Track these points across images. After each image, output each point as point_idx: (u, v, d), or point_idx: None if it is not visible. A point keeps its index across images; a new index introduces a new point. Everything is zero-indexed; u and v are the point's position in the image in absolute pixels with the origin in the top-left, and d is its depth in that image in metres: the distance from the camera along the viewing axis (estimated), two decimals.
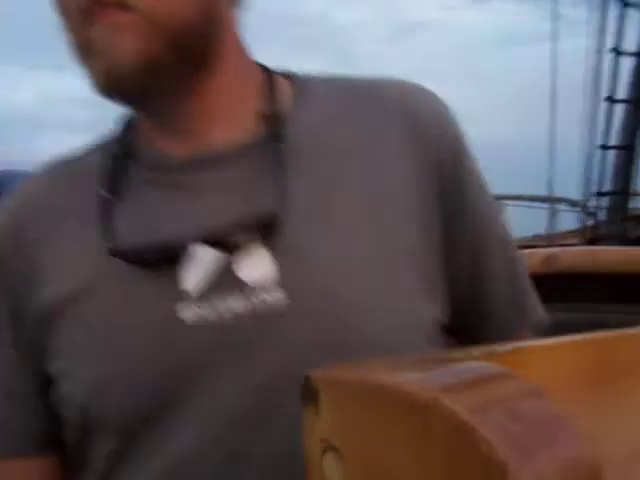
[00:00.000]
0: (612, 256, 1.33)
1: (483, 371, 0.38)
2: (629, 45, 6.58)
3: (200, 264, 0.67)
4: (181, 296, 0.66)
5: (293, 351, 0.65)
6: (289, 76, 0.77)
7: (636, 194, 7.13)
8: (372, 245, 0.70)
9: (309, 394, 0.39)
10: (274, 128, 0.71)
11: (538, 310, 0.85)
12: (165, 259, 0.67)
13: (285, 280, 0.66)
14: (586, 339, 0.53)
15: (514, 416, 0.33)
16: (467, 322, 0.81)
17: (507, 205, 10.32)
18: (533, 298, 0.84)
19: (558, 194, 8.70)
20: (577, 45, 6.59)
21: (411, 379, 0.36)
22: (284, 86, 0.76)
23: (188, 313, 0.66)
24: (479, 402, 0.33)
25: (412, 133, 0.74)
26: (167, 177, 0.71)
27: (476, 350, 0.47)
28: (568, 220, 8.78)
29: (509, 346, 0.49)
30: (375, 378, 0.37)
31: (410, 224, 0.71)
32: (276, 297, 0.66)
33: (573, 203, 8.51)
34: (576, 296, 1.47)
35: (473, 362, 0.40)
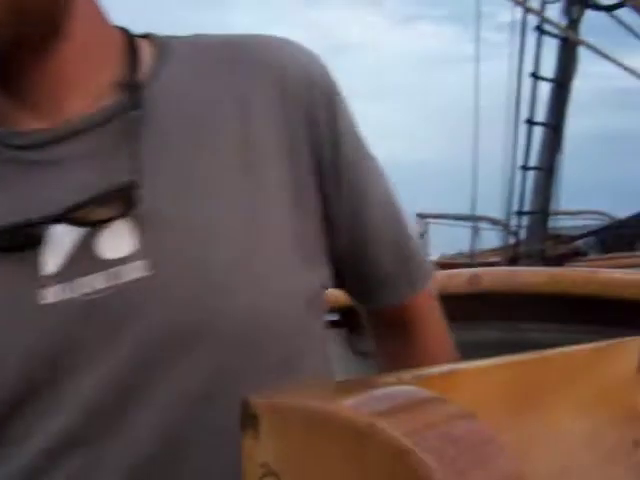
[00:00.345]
0: (534, 277, 1.37)
1: (416, 396, 0.39)
2: (548, 70, 6.79)
3: (60, 243, 0.64)
4: (41, 278, 0.63)
5: (160, 322, 0.63)
6: (152, 39, 0.74)
7: (555, 214, 7.31)
8: (242, 209, 0.67)
9: (248, 419, 0.40)
10: (131, 95, 0.68)
11: (427, 273, 0.84)
12: (24, 241, 0.63)
13: (148, 251, 0.64)
14: (511, 361, 0.56)
15: (449, 439, 0.35)
16: (354, 287, 0.81)
17: (431, 223, 10.50)
18: (422, 263, 0.83)
19: (481, 213, 8.89)
20: (499, 68, 6.76)
21: (348, 404, 0.37)
22: (146, 50, 0.72)
23: (49, 295, 0.63)
24: (415, 427, 0.35)
25: (281, 88, 0.71)
26: (25, 155, 0.68)
27: (408, 374, 0.49)
28: (490, 238, 8.97)
29: (439, 370, 0.51)
30: (313, 404, 0.38)
31: (283, 184, 0.69)
32: (139, 270, 0.63)
33: (495, 222, 8.69)
34: (499, 315, 1.51)
35: (406, 387, 0.42)
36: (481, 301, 1.52)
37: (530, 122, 6.69)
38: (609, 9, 3.43)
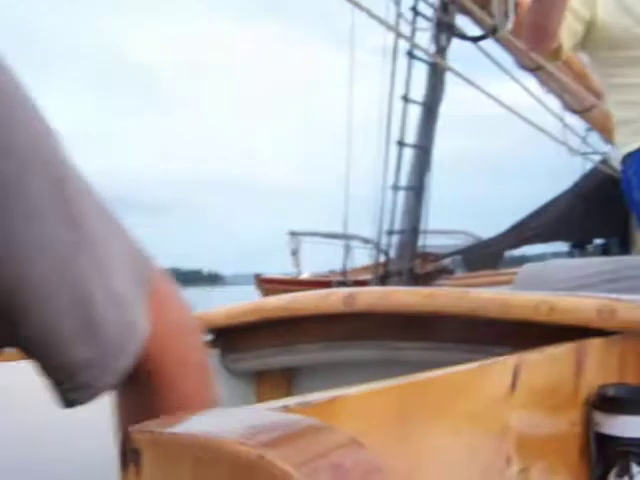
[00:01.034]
0: (408, 296, 1.39)
1: (305, 425, 0.39)
2: (419, 94, 6.99)
3: None
4: None
5: None
6: None
7: (424, 232, 7.53)
8: None
9: (130, 454, 0.38)
10: None
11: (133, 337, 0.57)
12: None
13: None
14: (392, 385, 0.56)
15: (339, 470, 0.34)
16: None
17: (305, 241, 10.60)
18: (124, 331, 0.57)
19: (353, 231, 9.05)
20: (372, 90, 6.90)
21: (236, 435, 0.36)
22: None
23: None
24: (305, 457, 0.34)
25: None
26: None
27: (292, 401, 0.48)
28: (362, 256, 9.14)
29: (323, 396, 0.51)
30: (199, 435, 0.37)
31: None
32: None
33: (366, 240, 8.87)
34: (374, 335, 1.52)
35: (294, 416, 0.41)
36: (356, 321, 1.53)
37: (400, 143, 6.86)
38: (474, 40, 3.58)
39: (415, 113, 7.00)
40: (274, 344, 1.66)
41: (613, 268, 3.69)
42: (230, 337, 1.70)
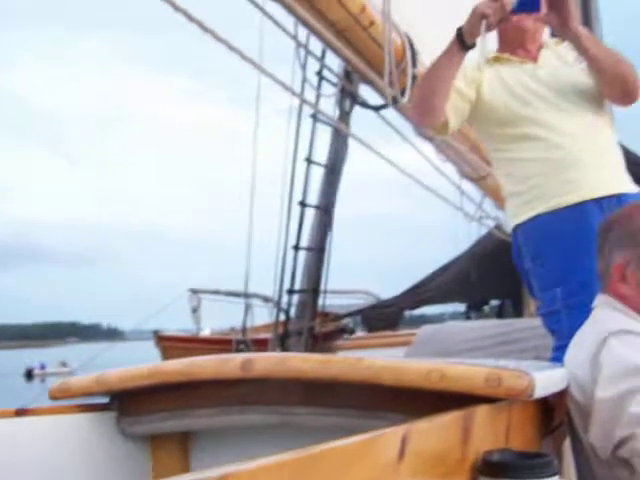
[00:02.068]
0: (304, 363, 1.42)
1: None
2: (321, 156, 7.13)
3: None
4: None
5: None
6: None
7: (324, 292, 7.59)
8: None
9: None
10: None
11: None
12: None
13: None
14: (285, 460, 0.58)
15: None
16: None
17: (206, 299, 10.51)
18: None
19: (255, 289, 9.05)
20: (278, 149, 6.98)
21: None
22: None
23: None
24: None
25: None
26: None
27: (187, 477, 0.50)
28: (262, 314, 9.13)
29: (215, 473, 0.52)
30: None
31: None
32: None
33: (266, 299, 8.88)
34: (271, 400, 1.54)
35: None
36: (254, 386, 1.54)
37: (302, 204, 6.95)
38: (375, 109, 3.71)
39: (318, 174, 7.13)
40: (171, 408, 1.65)
41: (504, 331, 3.83)
42: (126, 400, 1.68)
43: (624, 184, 2.50)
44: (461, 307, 9.56)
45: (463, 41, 2.38)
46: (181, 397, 1.63)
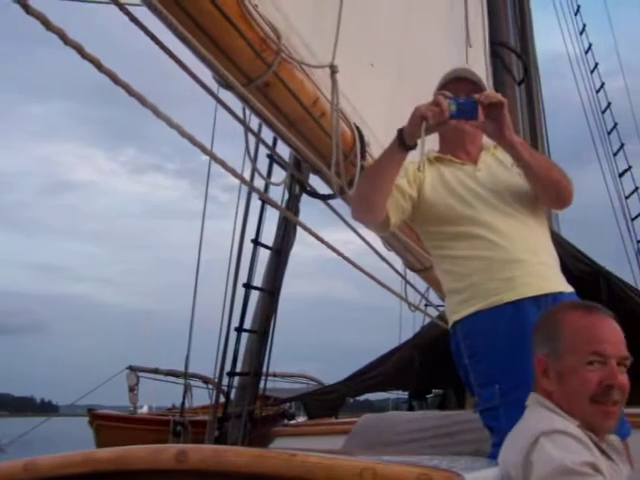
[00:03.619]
0: (238, 457, 1.40)
1: None
2: (269, 237, 7.15)
3: None
4: None
5: None
6: None
7: (266, 376, 7.51)
8: None
9: None
10: None
11: None
12: None
13: None
14: None
15: None
16: None
17: (146, 378, 10.29)
18: None
19: (195, 370, 8.90)
20: (225, 227, 6.97)
21: None
22: None
23: None
24: None
25: None
26: None
27: None
28: (202, 396, 8.97)
29: None
30: None
31: None
32: None
33: (206, 380, 8.74)
34: None
35: None
36: (187, 478, 1.52)
37: (247, 286, 6.93)
38: (322, 198, 3.78)
39: (265, 256, 7.14)
40: None
41: (444, 423, 3.83)
42: None
43: (560, 284, 2.57)
44: (405, 394, 9.54)
45: (404, 141, 2.46)
46: None
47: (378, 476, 1.30)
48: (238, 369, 7.08)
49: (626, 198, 13.70)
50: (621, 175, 13.93)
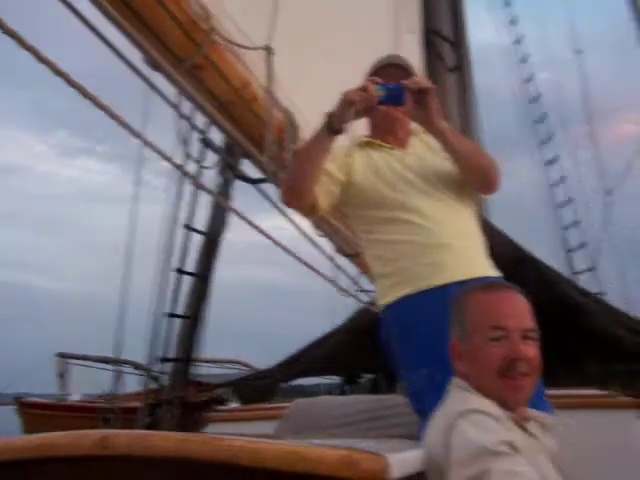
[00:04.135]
0: (163, 441, 1.39)
1: None
2: (202, 222, 7.09)
3: None
4: None
5: None
6: None
7: (198, 361, 7.46)
8: None
9: None
10: None
11: None
12: None
13: None
14: None
15: None
16: None
17: (76, 365, 10.12)
18: None
19: (126, 356, 8.78)
20: (157, 212, 6.87)
21: None
22: None
23: None
24: None
25: None
26: None
27: None
28: (133, 382, 8.85)
29: None
30: None
31: None
32: None
33: (138, 366, 8.64)
34: (129, 478, 1.49)
35: None
36: (111, 463, 1.50)
37: (180, 271, 6.87)
38: (253, 182, 3.77)
39: (198, 241, 7.08)
40: None
41: (376, 407, 3.87)
42: None
43: (486, 268, 2.61)
44: (338, 379, 9.59)
45: (332, 126, 2.46)
46: (33, 475, 1.55)
47: (302, 459, 1.30)
48: (170, 355, 7.02)
49: (553, 186, 14.07)
50: (549, 164, 14.28)
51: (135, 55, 2.71)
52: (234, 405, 8.59)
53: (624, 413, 3.95)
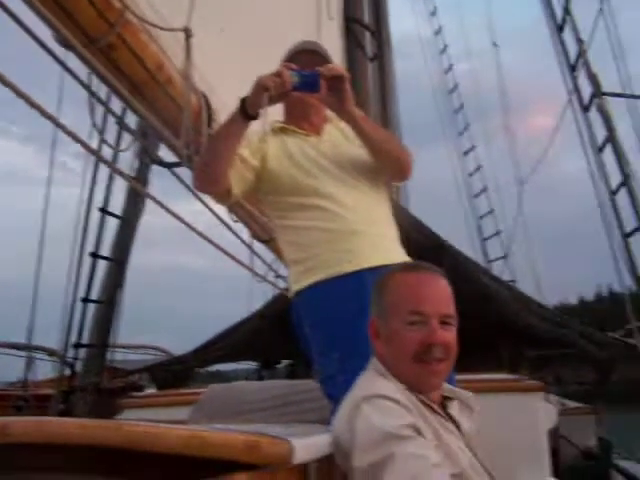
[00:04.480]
0: (60, 427, 1.36)
1: None
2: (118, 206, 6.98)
3: None
4: None
5: None
6: None
7: (114, 347, 7.36)
8: None
9: None
10: None
11: None
12: None
13: None
14: None
15: None
16: None
17: None
18: None
19: (38, 342, 8.58)
20: (72, 196, 6.73)
21: None
22: None
23: None
24: None
25: None
26: None
27: None
28: (47, 369, 8.66)
29: None
30: None
31: None
32: None
33: (51, 352, 8.46)
34: (27, 465, 1.46)
35: None
36: (11, 451, 1.46)
37: (95, 255, 6.75)
38: (168, 166, 3.73)
39: (114, 225, 6.96)
40: None
41: (290, 392, 3.90)
42: None
43: (398, 255, 2.65)
44: (256, 365, 9.59)
45: (246, 111, 2.45)
46: None
47: (206, 444, 1.29)
48: (85, 341, 6.91)
49: (469, 176, 14.38)
50: (465, 154, 14.58)
51: (46, 33, 2.64)
52: (150, 391, 8.51)
53: (531, 396, 4.08)
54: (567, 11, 7.98)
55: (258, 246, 5.27)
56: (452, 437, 1.89)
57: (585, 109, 7.60)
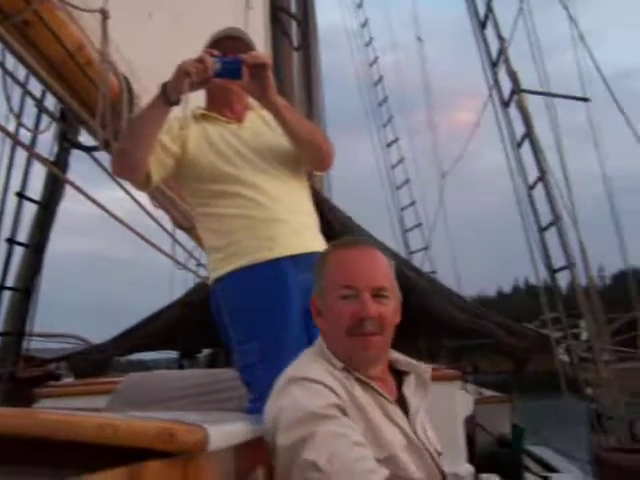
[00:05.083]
0: None
1: None
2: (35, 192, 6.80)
3: None
4: None
5: None
6: None
7: (30, 335, 7.19)
8: None
9: None
10: None
11: None
12: None
13: None
14: None
15: None
16: None
17: None
18: None
19: None
20: None
21: None
22: None
23: None
24: None
25: None
26: None
27: None
28: None
29: None
30: None
31: None
32: None
33: None
34: None
35: None
36: None
37: (11, 241, 6.58)
38: (86, 150, 3.65)
39: (32, 211, 6.79)
40: None
41: (210, 381, 3.88)
42: None
43: (318, 243, 2.66)
44: (177, 353, 9.50)
45: (167, 96, 2.41)
46: None
47: (119, 432, 1.27)
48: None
49: (392, 168, 14.54)
50: (389, 145, 14.73)
51: None
52: (68, 380, 8.35)
53: (448, 385, 4.16)
54: (489, 8, 8.14)
55: (180, 234, 5.23)
56: (386, 419, 1.87)
57: (505, 105, 7.77)
